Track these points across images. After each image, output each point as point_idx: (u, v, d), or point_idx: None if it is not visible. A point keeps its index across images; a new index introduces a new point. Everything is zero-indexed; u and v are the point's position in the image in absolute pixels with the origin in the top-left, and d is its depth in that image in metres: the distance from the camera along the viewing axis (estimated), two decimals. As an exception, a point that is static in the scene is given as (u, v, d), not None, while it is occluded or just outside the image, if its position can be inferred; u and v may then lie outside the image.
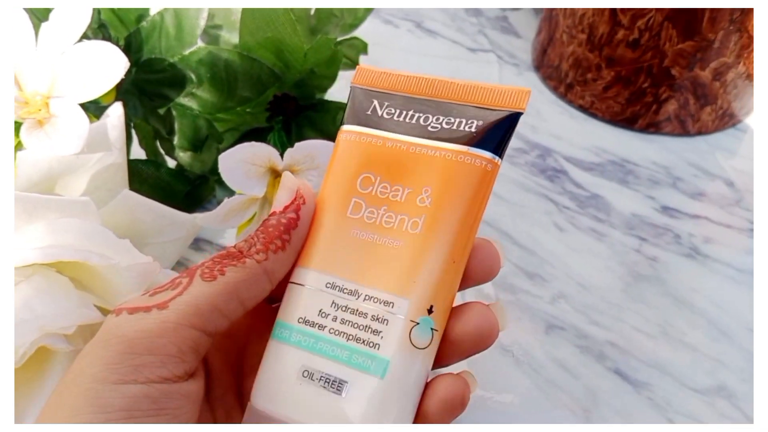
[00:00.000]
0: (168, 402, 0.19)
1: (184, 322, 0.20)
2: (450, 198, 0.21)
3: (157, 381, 0.19)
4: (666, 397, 0.33)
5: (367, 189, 0.22)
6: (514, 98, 0.22)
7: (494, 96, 0.22)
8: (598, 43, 0.46)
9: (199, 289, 0.20)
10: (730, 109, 0.48)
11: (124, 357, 0.19)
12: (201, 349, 0.20)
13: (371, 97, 0.23)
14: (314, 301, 0.21)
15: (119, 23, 0.35)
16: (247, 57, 0.34)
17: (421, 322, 0.21)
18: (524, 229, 0.41)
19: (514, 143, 0.47)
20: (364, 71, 0.23)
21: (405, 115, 0.22)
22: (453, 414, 0.21)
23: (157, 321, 0.20)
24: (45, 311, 0.24)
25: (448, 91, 0.22)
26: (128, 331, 0.19)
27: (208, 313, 0.20)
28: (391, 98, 0.23)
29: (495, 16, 0.60)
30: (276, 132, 0.36)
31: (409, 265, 0.21)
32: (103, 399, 0.19)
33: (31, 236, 0.24)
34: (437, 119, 0.22)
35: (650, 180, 0.45)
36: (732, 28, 0.42)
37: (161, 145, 0.37)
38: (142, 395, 0.19)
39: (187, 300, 0.20)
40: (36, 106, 0.28)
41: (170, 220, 0.31)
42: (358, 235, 0.22)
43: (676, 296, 0.37)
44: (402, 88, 0.23)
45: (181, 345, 0.20)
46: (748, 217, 0.43)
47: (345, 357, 0.20)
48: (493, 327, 0.21)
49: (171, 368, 0.19)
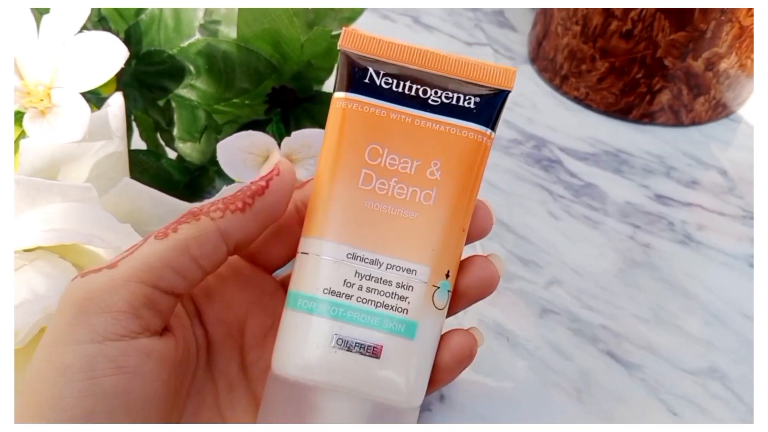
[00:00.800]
0: (126, 359, 0.20)
1: (133, 278, 0.20)
2: (457, 171, 0.23)
3: (113, 338, 0.20)
4: (658, 379, 0.33)
5: (376, 160, 0.23)
6: (504, 77, 0.24)
7: (486, 73, 0.23)
8: (592, 35, 0.47)
9: (149, 248, 0.21)
10: (724, 99, 0.48)
11: (78, 318, 0.20)
12: (159, 306, 0.21)
13: (365, 63, 0.23)
14: (337, 271, 0.22)
15: (119, 17, 0.36)
16: (244, 48, 0.34)
17: (441, 285, 0.23)
18: (520, 217, 0.41)
19: (509, 134, 0.48)
20: (351, 34, 0.24)
21: (403, 86, 0.23)
22: (462, 365, 0.24)
23: (106, 279, 0.20)
24: (48, 293, 0.25)
25: (441, 64, 0.23)
26: (79, 293, 0.20)
27: (159, 270, 0.20)
28: (387, 66, 0.23)
29: (491, 10, 0.60)
30: (274, 123, 0.37)
31: (427, 235, 0.22)
32: (63, 361, 0.19)
33: (35, 220, 0.25)
34: (436, 92, 0.23)
35: (644, 169, 0.45)
36: (723, 18, 0.43)
37: (161, 137, 0.37)
38: (99, 354, 0.19)
39: (136, 257, 0.21)
40: (38, 96, 0.29)
41: (170, 208, 0.32)
42: (371, 206, 0.23)
43: (669, 281, 0.38)
44: (395, 57, 0.23)
45: (132, 300, 0.20)
46: (740, 205, 0.43)
47: (377, 323, 0.22)
48: (494, 276, 0.24)
49: (125, 324, 0.20)
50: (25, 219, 0.25)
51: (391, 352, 0.22)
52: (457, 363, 0.24)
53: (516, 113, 0.49)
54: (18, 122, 0.29)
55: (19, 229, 0.25)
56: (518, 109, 0.50)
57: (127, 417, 0.20)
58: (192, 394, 0.23)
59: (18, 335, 0.24)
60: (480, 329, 0.25)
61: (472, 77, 0.23)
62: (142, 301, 0.20)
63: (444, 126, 0.23)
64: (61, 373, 0.19)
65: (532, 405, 0.32)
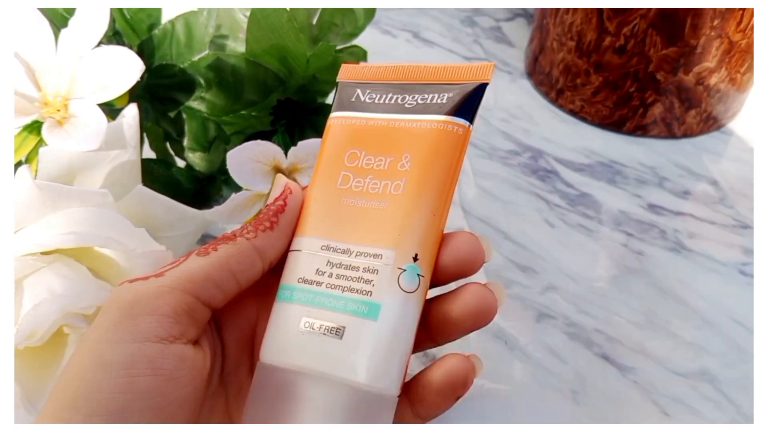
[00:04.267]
0: (163, 362, 0.21)
1: (178, 287, 0.22)
2: (427, 160, 0.24)
3: (154, 340, 0.21)
4: (651, 381, 0.34)
5: (354, 162, 0.25)
6: (481, 72, 0.25)
7: (462, 72, 0.25)
8: (586, 50, 0.48)
9: (194, 262, 0.23)
10: (714, 112, 0.50)
11: (123, 319, 0.21)
12: (197, 316, 0.22)
13: (355, 87, 0.26)
14: (311, 262, 0.24)
15: (132, 32, 0.37)
16: (253, 63, 0.36)
17: (408, 268, 0.23)
18: (517, 225, 0.43)
19: (507, 146, 0.49)
20: (347, 68, 0.27)
21: (384, 97, 0.25)
22: (456, 391, 0.23)
23: (153, 285, 0.22)
24: (65, 293, 0.26)
25: (421, 74, 0.25)
26: (127, 295, 0.21)
27: (201, 282, 0.22)
28: (372, 86, 0.26)
29: (489, 26, 0.62)
30: (280, 134, 0.38)
31: (394, 220, 0.23)
32: (104, 358, 0.20)
33: (55, 223, 0.26)
34: (413, 97, 0.25)
35: (637, 180, 0.47)
36: (713, 34, 0.44)
37: (171, 147, 0.39)
38: (139, 353, 0.20)
39: (181, 269, 0.22)
40: (55, 107, 0.30)
41: (181, 215, 0.33)
42: (347, 202, 0.24)
43: (661, 288, 0.39)
44: (381, 77, 0.26)
45: (175, 306, 0.21)
46: (731, 214, 0.44)
47: (341, 306, 0.23)
48: (491, 305, 0.23)
49: (166, 327, 0.21)
50: (46, 222, 0.26)
51: (354, 333, 0.22)
52: (449, 387, 0.23)
53: (513, 125, 0.51)
54: (37, 131, 0.30)
55: (40, 231, 0.26)
56: (515, 121, 0.51)
57: (158, 419, 0.21)
58: (206, 400, 0.24)
59: (36, 334, 0.25)
60: (477, 334, 0.25)
61: (448, 79, 0.25)
62: (184, 309, 0.22)
63: (416, 123, 0.24)
64: (102, 368, 0.20)
65: (529, 406, 0.33)
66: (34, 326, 0.25)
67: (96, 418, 0.20)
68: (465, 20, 0.63)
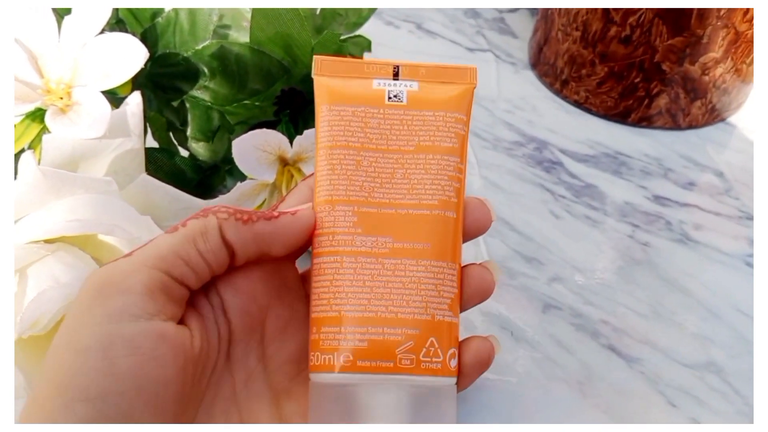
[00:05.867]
0: (141, 341, 0.20)
1: (148, 264, 0.22)
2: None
3: (129, 319, 0.21)
4: (657, 372, 0.34)
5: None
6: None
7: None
8: (591, 40, 0.48)
9: (162, 239, 0.22)
10: (720, 103, 0.49)
11: (95, 301, 0.21)
12: (172, 293, 0.22)
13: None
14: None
15: (135, 20, 0.37)
16: (257, 51, 0.35)
17: None
18: (522, 216, 0.42)
19: (512, 137, 0.49)
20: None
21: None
22: (482, 367, 0.25)
23: (122, 265, 0.22)
24: (69, 281, 0.26)
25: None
26: (97, 278, 0.21)
27: (170, 259, 0.22)
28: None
29: (492, 17, 0.62)
30: (283, 124, 0.38)
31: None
32: (81, 342, 0.20)
33: (59, 210, 0.26)
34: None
35: (642, 171, 0.46)
36: (719, 24, 0.44)
37: (174, 137, 0.38)
38: (115, 334, 0.20)
39: (149, 247, 0.22)
40: (58, 94, 0.30)
41: (184, 204, 0.33)
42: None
43: (666, 279, 0.39)
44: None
45: (147, 283, 0.21)
46: (736, 206, 0.44)
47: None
48: (490, 283, 0.26)
49: (140, 305, 0.21)
50: (50, 209, 0.26)
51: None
52: (477, 366, 0.25)
53: (518, 116, 0.50)
54: (40, 119, 0.30)
55: (45, 218, 0.26)
56: (520, 112, 0.51)
57: (141, 399, 0.20)
58: (210, 384, 0.24)
59: (40, 322, 0.25)
60: (484, 325, 0.26)
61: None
62: (157, 285, 0.21)
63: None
64: (79, 353, 0.20)
65: (535, 396, 0.33)
66: (38, 315, 0.25)
67: (78, 403, 0.19)
68: (468, 11, 0.62)
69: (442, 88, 0.26)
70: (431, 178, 0.25)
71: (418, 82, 0.26)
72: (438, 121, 0.26)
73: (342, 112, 0.26)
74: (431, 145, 0.25)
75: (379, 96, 0.26)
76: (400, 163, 0.25)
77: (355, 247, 0.24)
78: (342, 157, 0.25)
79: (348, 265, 0.24)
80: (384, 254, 0.24)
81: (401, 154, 0.25)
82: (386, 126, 0.26)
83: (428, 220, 0.25)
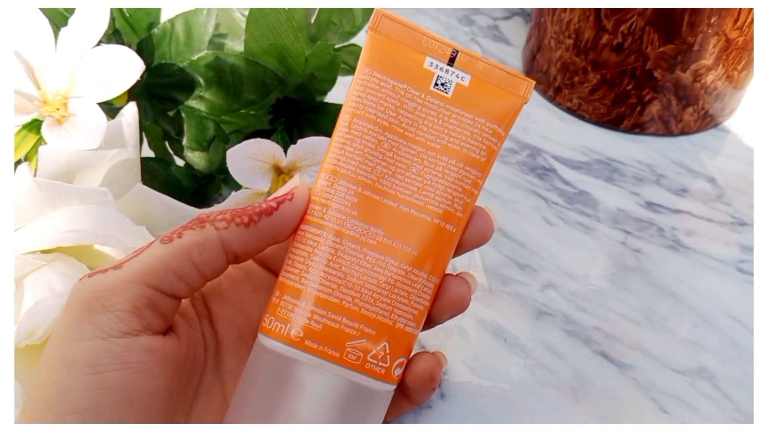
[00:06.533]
0: (129, 355, 0.21)
1: (137, 280, 0.21)
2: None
3: (116, 336, 0.21)
4: (649, 378, 0.34)
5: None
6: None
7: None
8: (583, 48, 0.48)
9: (155, 251, 0.22)
10: (711, 109, 0.50)
11: (83, 316, 0.21)
12: (160, 308, 0.22)
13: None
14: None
15: (131, 31, 0.37)
16: (252, 62, 0.36)
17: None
18: (515, 223, 0.43)
19: (505, 144, 0.49)
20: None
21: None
22: (428, 385, 0.24)
23: (111, 280, 0.21)
24: (65, 291, 0.26)
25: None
26: (85, 292, 0.21)
27: (162, 274, 0.21)
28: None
29: (487, 25, 0.62)
30: (278, 133, 0.38)
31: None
32: (69, 356, 0.20)
33: (55, 221, 0.26)
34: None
35: (635, 177, 0.47)
36: (710, 31, 0.45)
37: (170, 146, 0.39)
38: (102, 350, 0.20)
39: (141, 259, 0.22)
40: (54, 105, 0.30)
41: (180, 213, 0.33)
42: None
43: (659, 285, 0.39)
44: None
45: (134, 301, 0.21)
46: (728, 212, 0.45)
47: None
48: (467, 295, 0.25)
49: (127, 323, 0.21)
50: (46, 220, 0.26)
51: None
52: (422, 383, 0.24)
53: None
54: (36, 130, 0.31)
55: (41, 229, 0.26)
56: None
57: (131, 411, 0.21)
58: (200, 394, 0.24)
59: (36, 332, 0.25)
60: (477, 331, 0.26)
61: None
62: (144, 302, 0.21)
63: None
64: (68, 367, 0.20)
65: (528, 403, 0.33)
66: (35, 324, 0.25)
67: (68, 417, 0.20)
68: (462, 19, 0.63)
69: (492, 93, 0.24)
70: (446, 184, 0.24)
71: (471, 76, 0.24)
72: (475, 127, 0.24)
73: (383, 82, 0.24)
74: (458, 150, 0.24)
75: (427, 78, 0.24)
76: (421, 157, 0.24)
77: (345, 229, 0.23)
78: (365, 131, 0.24)
79: (331, 244, 0.23)
80: (370, 246, 0.23)
81: (425, 149, 0.24)
82: (422, 113, 0.24)
83: (426, 227, 0.24)
